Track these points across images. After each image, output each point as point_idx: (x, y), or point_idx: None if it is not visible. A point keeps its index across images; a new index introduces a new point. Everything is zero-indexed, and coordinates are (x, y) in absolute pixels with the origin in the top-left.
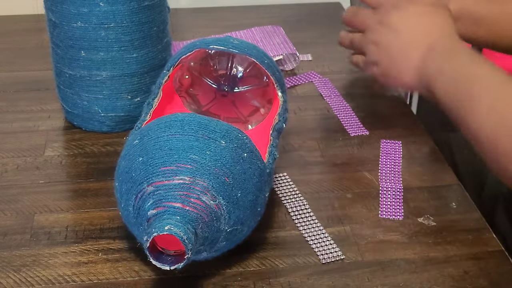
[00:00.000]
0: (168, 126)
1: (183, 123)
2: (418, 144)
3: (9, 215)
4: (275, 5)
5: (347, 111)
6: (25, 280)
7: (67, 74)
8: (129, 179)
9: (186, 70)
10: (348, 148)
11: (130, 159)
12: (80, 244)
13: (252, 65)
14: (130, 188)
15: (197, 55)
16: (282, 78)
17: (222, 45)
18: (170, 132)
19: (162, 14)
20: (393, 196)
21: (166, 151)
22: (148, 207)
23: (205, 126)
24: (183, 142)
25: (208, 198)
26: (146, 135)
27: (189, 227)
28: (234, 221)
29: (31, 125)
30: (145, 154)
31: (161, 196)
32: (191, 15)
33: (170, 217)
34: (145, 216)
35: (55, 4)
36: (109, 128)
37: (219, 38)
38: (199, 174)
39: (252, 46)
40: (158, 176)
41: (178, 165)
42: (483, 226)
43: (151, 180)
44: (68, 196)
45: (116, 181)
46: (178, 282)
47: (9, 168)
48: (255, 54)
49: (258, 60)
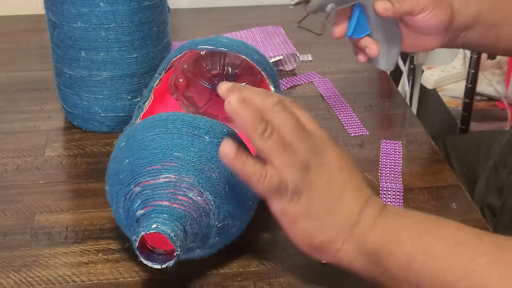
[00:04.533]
0: (152, 126)
1: (167, 122)
2: (418, 144)
3: (9, 215)
4: (275, 5)
5: (347, 111)
6: (25, 280)
7: (67, 74)
8: (118, 181)
9: (180, 73)
10: (348, 148)
11: (117, 162)
12: (80, 244)
13: (245, 63)
14: (119, 190)
15: (189, 57)
16: (274, 73)
17: (211, 44)
18: (154, 131)
19: (162, 14)
20: (393, 196)
21: (151, 151)
22: (136, 207)
23: (188, 123)
24: (167, 140)
25: (194, 194)
26: (132, 137)
27: (177, 224)
28: (224, 216)
29: (31, 125)
30: (131, 156)
31: (148, 195)
32: (191, 15)
33: (158, 216)
34: (134, 217)
35: (55, 4)
36: (109, 128)
37: (209, 38)
38: (184, 171)
39: (242, 43)
40: (144, 176)
41: (163, 163)
42: (483, 226)
43: (138, 181)
44: (68, 196)
45: (107, 185)
46: (178, 282)
47: (9, 168)
48: (244, 51)
49: (248, 56)
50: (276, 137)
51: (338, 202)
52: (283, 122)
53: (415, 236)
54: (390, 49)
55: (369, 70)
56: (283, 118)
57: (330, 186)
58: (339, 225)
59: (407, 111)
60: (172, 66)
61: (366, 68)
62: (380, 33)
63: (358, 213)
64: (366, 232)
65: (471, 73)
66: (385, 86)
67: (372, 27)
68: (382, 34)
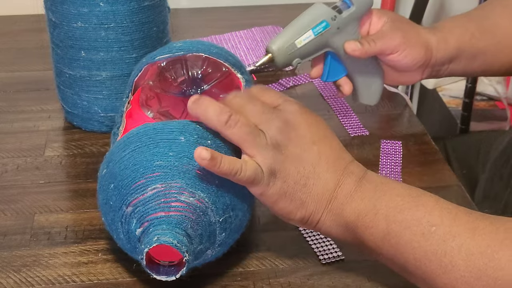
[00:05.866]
0: (126, 143)
1: (139, 135)
2: (418, 144)
3: (9, 215)
4: (275, 5)
5: (347, 111)
6: (25, 280)
7: (67, 74)
8: (109, 209)
9: (148, 91)
10: (348, 148)
11: (104, 190)
12: (80, 244)
13: (207, 60)
14: (113, 217)
15: (152, 73)
16: (237, 61)
17: (167, 52)
18: (130, 148)
19: (162, 15)
20: None
21: (132, 168)
22: (134, 227)
23: (160, 130)
24: (144, 153)
25: (186, 196)
26: (110, 161)
27: (178, 231)
28: (223, 209)
29: (31, 125)
30: (114, 179)
31: (141, 212)
32: (191, 15)
33: (156, 228)
34: (135, 237)
35: (55, 4)
36: (108, 128)
37: (162, 48)
38: (169, 177)
39: (196, 42)
40: (132, 194)
41: (147, 176)
42: None
43: (127, 201)
44: (68, 196)
45: (102, 216)
46: (177, 282)
47: (9, 168)
48: (201, 49)
49: (207, 52)
50: (241, 124)
51: (313, 176)
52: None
53: (390, 213)
54: (369, 85)
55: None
56: (245, 103)
57: (303, 161)
58: (317, 199)
59: (407, 111)
60: (138, 86)
61: None
62: (356, 72)
63: (335, 184)
64: (343, 204)
65: None
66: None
67: (347, 67)
68: (358, 73)
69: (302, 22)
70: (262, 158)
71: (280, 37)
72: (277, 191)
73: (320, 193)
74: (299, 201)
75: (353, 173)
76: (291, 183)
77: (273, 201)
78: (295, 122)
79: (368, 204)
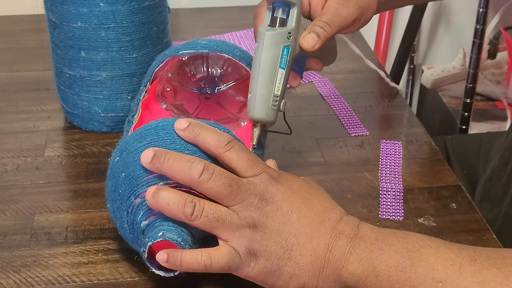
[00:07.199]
0: (143, 135)
1: (157, 129)
2: (418, 144)
3: (9, 215)
4: None
5: (347, 111)
6: (25, 281)
7: (67, 74)
8: (117, 197)
9: (166, 82)
10: (348, 148)
11: (114, 177)
12: (80, 245)
13: (228, 61)
14: (120, 205)
15: (172, 65)
16: None
17: (191, 48)
18: (146, 141)
19: (162, 15)
20: (393, 197)
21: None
22: (140, 219)
23: None
24: (160, 147)
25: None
26: (124, 150)
27: (183, 229)
28: None
29: (31, 125)
30: (126, 169)
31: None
32: (191, 15)
33: (162, 223)
34: (139, 229)
35: (55, 4)
36: (109, 128)
37: (187, 42)
38: None
39: (221, 42)
40: (142, 186)
41: None
42: (483, 227)
43: (137, 192)
44: (68, 196)
45: (108, 202)
46: (177, 282)
47: (9, 168)
48: (225, 50)
49: (230, 54)
50: (206, 212)
51: (297, 247)
52: (214, 185)
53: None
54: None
55: (369, 70)
56: (211, 188)
57: (283, 234)
58: (307, 269)
59: (407, 111)
60: (157, 77)
61: (366, 68)
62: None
63: (324, 250)
64: (339, 269)
65: (471, 73)
66: (385, 86)
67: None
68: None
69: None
70: (237, 241)
71: (257, 102)
72: (261, 270)
73: (310, 262)
74: (287, 275)
75: (343, 234)
76: (274, 259)
77: (260, 280)
78: (270, 192)
79: (367, 266)
